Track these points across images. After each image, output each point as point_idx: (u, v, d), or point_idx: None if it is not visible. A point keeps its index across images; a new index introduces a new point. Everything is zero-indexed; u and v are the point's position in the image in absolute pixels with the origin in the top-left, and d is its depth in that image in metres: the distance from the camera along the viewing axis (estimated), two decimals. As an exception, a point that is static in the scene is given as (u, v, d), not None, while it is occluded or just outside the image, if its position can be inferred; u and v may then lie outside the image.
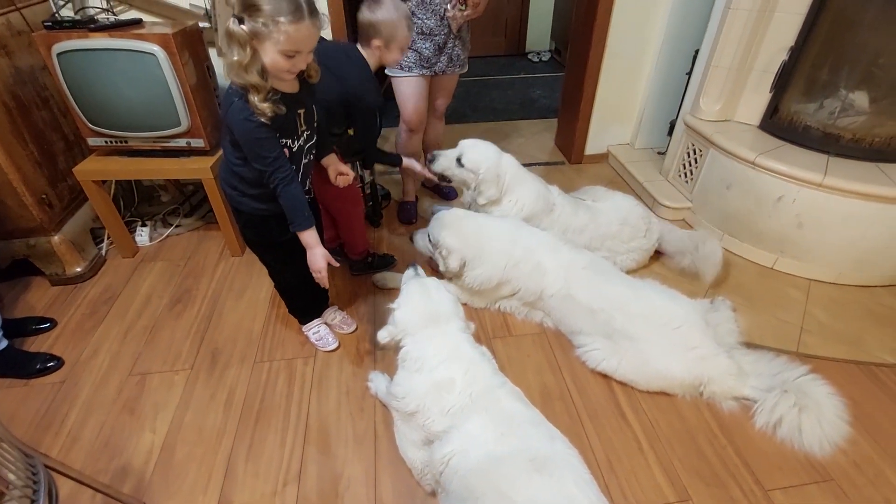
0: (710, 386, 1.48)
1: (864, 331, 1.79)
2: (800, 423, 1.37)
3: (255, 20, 1.04)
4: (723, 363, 1.48)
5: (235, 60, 1.06)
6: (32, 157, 1.84)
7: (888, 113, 1.89)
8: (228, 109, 1.13)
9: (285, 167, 1.21)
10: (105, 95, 1.77)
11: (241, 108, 1.11)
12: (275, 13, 1.03)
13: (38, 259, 1.95)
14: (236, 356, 1.71)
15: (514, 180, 1.92)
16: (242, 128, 1.14)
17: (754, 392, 1.47)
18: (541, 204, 1.92)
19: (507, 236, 1.74)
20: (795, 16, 1.91)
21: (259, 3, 1.03)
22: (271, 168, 1.19)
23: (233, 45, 1.05)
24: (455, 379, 1.20)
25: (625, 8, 2.44)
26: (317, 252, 1.33)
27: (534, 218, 1.92)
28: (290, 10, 1.04)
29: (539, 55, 4.96)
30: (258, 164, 1.19)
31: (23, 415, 1.53)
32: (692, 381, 1.49)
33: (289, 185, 1.23)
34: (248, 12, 1.03)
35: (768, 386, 1.46)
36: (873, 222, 1.82)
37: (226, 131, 1.22)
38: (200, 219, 2.39)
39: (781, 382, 1.45)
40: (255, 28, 1.05)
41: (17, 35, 1.82)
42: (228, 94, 1.15)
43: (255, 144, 1.16)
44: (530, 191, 1.92)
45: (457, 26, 1.95)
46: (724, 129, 2.14)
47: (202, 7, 2.09)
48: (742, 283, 2.02)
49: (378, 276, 2.01)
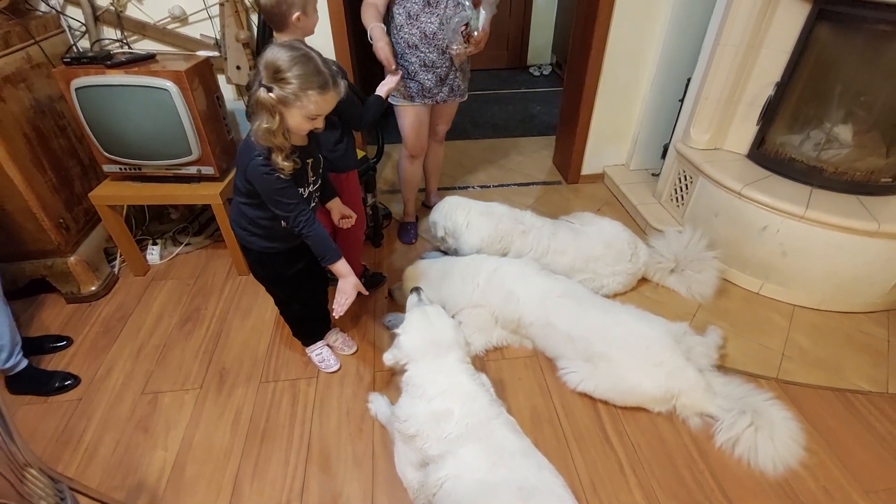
0: (680, 398, 1.59)
1: (843, 358, 1.87)
2: (755, 442, 1.47)
3: (284, 89, 1.12)
4: (691, 377, 1.59)
5: (265, 127, 1.15)
6: (51, 184, 1.94)
7: (869, 147, 1.97)
8: (249, 164, 1.22)
9: (306, 210, 1.31)
10: (120, 126, 1.86)
11: (262, 164, 1.20)
12: (304, 86, 1.12)
13: (54, 279, 2.05)
14: (243, 376, 1.80)
15: (467, 219, 2.12)
16: (265, 182, 1.23)
17: (719, 411, 1.56)
18: (505, 225, 2.08)
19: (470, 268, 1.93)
20: (781, 53, 1.99)
21: (288, 77, 1.11)
22: (294, 213, 1.28)
23: (261, 112, 1.15)
24: (453, 410, 1.29)
25: (620, 35, 2.51)
26: (349, 281, 1.42)
27: (504, 238, 2.06)
28: (318, 84, 1.14)
29: (540, 68, 5.04)
30: (281, 212, 1.28)
31: (43, 431, 1.62)
32: (663, 394, 1.59)
33: (313, 226, 1.32)
34: (278, 83, 1.12)
35: (732, 407, 1.55)
36: (853, 253, 1.90)
37: (239, 178, 1.31)
38: (209, 237, 2.48)
39: (745, 405, 1.55)
40: (284, 96, 1.13)
41: (37, 67, 1.92)
42: (248, 148, 1.23)
43: (277, 194, 1.25)
44: (482, 218, 2.09)
45: (459, 62, 2.04)
46: (713, 158, 2.22)
47: (212, 37, 2.19)
48: (728, 307, 2.10)
49: (390, 318, 2.01)
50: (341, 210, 1.62)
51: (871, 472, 1.49)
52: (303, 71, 1.12)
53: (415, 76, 2.03)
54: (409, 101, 2.09)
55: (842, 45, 1.89)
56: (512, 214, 2.14)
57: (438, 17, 1.89)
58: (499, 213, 2.13)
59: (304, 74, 1.12)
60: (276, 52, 1.13)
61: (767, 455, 1.45)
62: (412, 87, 2.06)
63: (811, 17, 1.88)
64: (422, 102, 2.10)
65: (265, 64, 1.13)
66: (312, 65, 1.14)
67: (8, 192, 1.80)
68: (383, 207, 2.67)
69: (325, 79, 1.14)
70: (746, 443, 1.49)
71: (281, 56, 1.12)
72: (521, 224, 2.10)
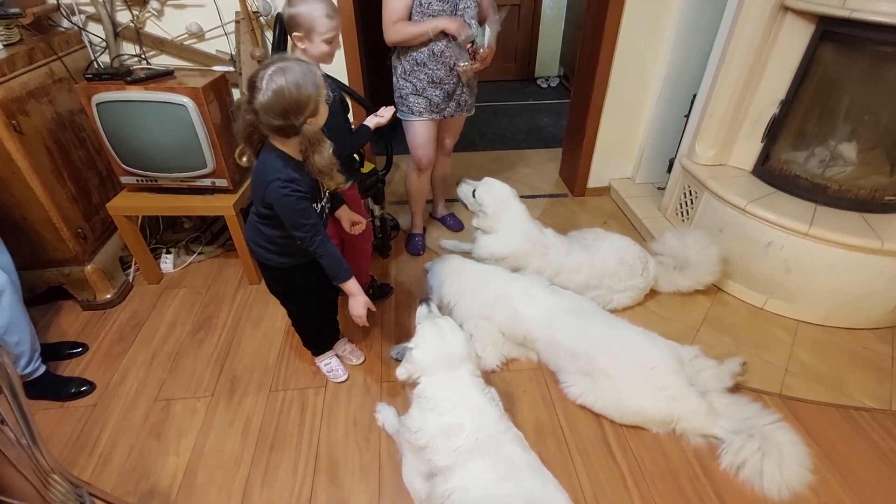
0: (680, 423, 1.60)
1: (846, 374, 1.88)
2: (761, 468, 1.47)
3: (310, 108, 1.18)
4: (692, 403, 1.60)
5: (329, 154, 1.24)
6: (70, 195, 2.00)
7: (872, 165, 1.99)
8: (267, 187, 1.25)
9: (321, 231, 1.34)
10: (138, 140, 1.92)
11: (282, 186, 1.24)
12: (319, 85, 1.19)
13: (71, 286, 2.11)
14: (253, 384, 1.84)
15: (509, 221, 2.10)
16: (285, 203, 1.26)
17: (723, 432, 1.57)
18: (528, 245, 2.08)
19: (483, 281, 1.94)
20: (785, 72, 2.02)
21: (305, 96, 1.16)
22: (310, 233, 1.32)
23: (316, 145, 1.23)
24: (463, 425, 1.32)
25: (627, 50, 2.55)
26: (359, 300, 1.45)
27: (521, 257, 2.08)
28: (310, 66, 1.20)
29: (548, 80, 5.09)
30: (298, 232, 1.31)
31: (59, 435, 1.67)
32: (663, 418, 1.61)
33: (326, 246, 1.36)
34: (302, 113, 1.18)
35: (737, 429, 1.56)
36: (857, 271, 1.91)
37: (256, 200, 1.36)
38: (221, 246, 2.53)
39: (749, 427, 1.55)
40: (315, 109, 1.19)
41: (59, 82, 1.98)
42: (264, 172, 1.27)
43: (296, 215, 1.29)
44: (519, 232, 2.10)
45: (466, 78, 2.08)
46: (719, 174, 2.25)
47: (228, 53, 2.25)
48: (733, 322, 2.12)
49: (398, 350, 1.98)
50: (350, 217, 1.67)
51: (873, 490, 1.50)
52: (301, 75, 1.15)
53: (423, 92, 2.07)
54: (418, 115, 2.14)
55: (845, 65, 1.92)
56: (539, 233, 2.13)
57: (446, 36, 1.94)
58: (534, 234, 2.12)
59: (305, 77, 1.15)
60: (275, 91, 1.13)
61: (773, 481, 1.45)
62: (421, 102, 2.10)
63: (815, 37, 1.91)
64: (430, 117, 2.15)
65: (280, 114, 1.15)
66: (292, 64, 1.15)
67: (29, 202, 1.86)
68: (391, 218, 2.71)
69: (304, 62, 1.19)
70: (753, 468, 1.48)
71: (282, 90, 1.13)
72: (542, 245, 2.09)
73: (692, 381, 1.64)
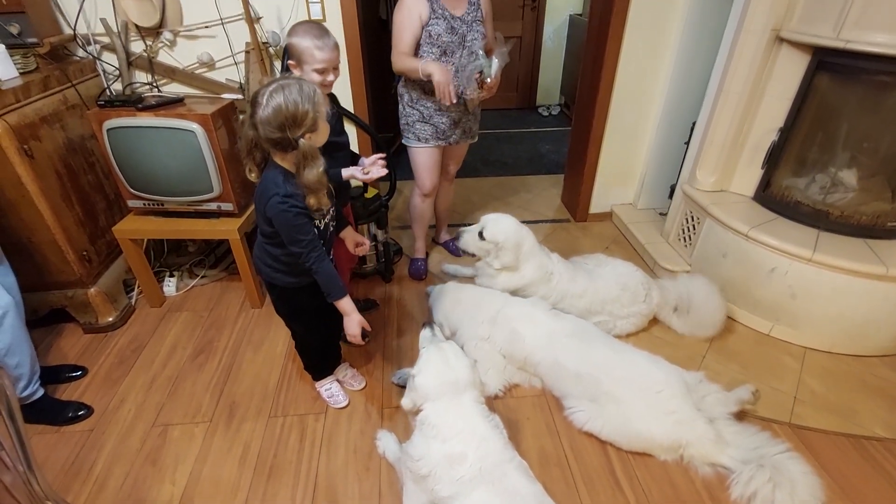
0: (688, 449, 1.56)
1: (856, 402, 1.84)
2: (773, 499, 1.42)
3: (307, 124, 1.21)
4: (700, 429, 1.56)
5: (319, 171, 1.25)
6: (77, 217, 2.02)
7: (874, 192, 2.00)
8: (268, 202, 1.28)
9: (318, 247, 1.36)
10: (147, 165, 1.95)
11: (280, 201, 1.27)
12: (316, 103, 1.22)
13: (74, 309, 2.11)
14: (252, 410, 1.81)
15: (529, 251, 2.08)
16: (283, 218, 1.29)
17: (732, 462, 1.53)
18: (539, 273, 2.07)
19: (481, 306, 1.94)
20: (783, 100, 2.05)
21: (302, 111, 1.19)
22: (307, 249, 1.34)
23: (309, 161, 1.24)
24: (467, 453, 1.29)
25: (626, 80, 2.61)
26: (354, 318, 1.47)
27: (531, 286, 2.06)
28: (314, 91, 1.23)
29: (549, 108, 5.18)
30: (295, 248, 1.34)
31: (54, 460, 1.64)
32: (671, 443, 1.57)
33: (322, 263, 1.37)
34: (299, 126, 1.20)
35: (746, 458, 1.52)
36: (862, 297, 1.90)
37: (259, 218, 1.38)
38: (224, 270, 2.54)
39: (759, 457, 1.51)
40: (312, 125, 1.22)
41: (72, 108, 2.03)
42: (265, 188, 1.30)
43: (293, 231, 1.31)
44: (534, 263, 2.08)
45: (472, 107, 2.13)
46: (720, 200, 2.26)
47: (237, 81, 2.31)
48: (739, 349, 2.09)
49: (399, 374, 1.94)
50: (354, 238, 1.69)
51: (889, 523, 1.45)
52: (298, 92, 1.19)
53: (430, 119, 2.12)
54: (424, 142, 2.17)
55: (842, 94, 1.95)
56: (547, 260, 2.12)
57: (454, 66, 1.99)
58: (544, 262, 2.10)
59: (303, 94, 1.19)
60: (274, 107, 1.18)
61: None
62: (427, 129, 2.14)
63: (811, 67, 1.95)
64: (435, 144, 2.18)
65: (278, 126, 1.19)
66: (292, 82, 1.21)
67: (36, 224, 1.88)
68: (394, 243, 2.73)
69: (304, 82, 1.23)
70: (764, 499, 1.42)
71: (280, 105, 1.17)
72: (549, 272, 2.09)
73: (698, 407, 1.60)
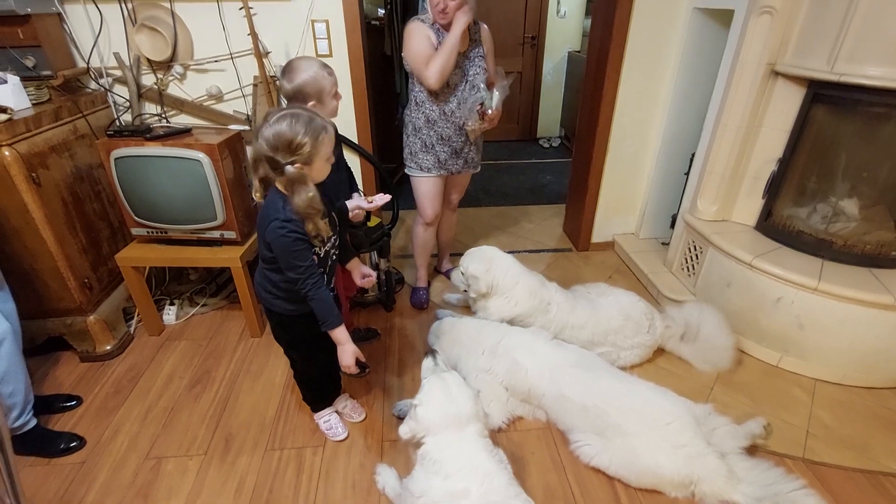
0: (700, 485, 1.50)
1: (870, 436, 1.79)
2: None
3: (304, 152, 1.22)
4: (711, 463, 1.50)
5: (309, 196, 1.24)
6: (80, 245, 2.02)
7: (876, 221, 2.00)
8: (268, 227, 1.29)
9: (315, 274, 1.35)
10: (153, 193, 1.97)
11: (280, 226, 1.27)
12: (315, 135, 1.23)
13: (71, 337, 2.08)
14: (249, 442, 1.77)
15: (508, 279, 2.08)
16: (282, 243, 1.29)
17: (745, 499, 1.47)
18: (534, 301, 2.05)
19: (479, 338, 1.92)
20: (781, 132, 2.08)
21: (300, 140, 1.21)
22: (304, 276, 1.33)
23: (296, 186, 1.24)
24: (471, 490, 1.25)
25: (625, 113, 2.66)
26: (347, 349, 1.44)
27: (528, 316, 2.04)
28: (321, 125, 1.24)
29: (549, 140, 5.27)
30: (292, 273, 1.33)
31: (43, 494, 1.58)
32: (681, 479, 1.51)
33: (319, 290, 1.36)
34: (295, 153, 1.22)
35: (760, 496, 1.46)
36: (870, 327, 1.87)
37: (260, 243, 1.38)
38: (225, 298, 2.52)
39: (774, 493, 1.45)
40: (307, 157, 1.23)
41: (81, 138, 2.06)
42: (266, 213, 1.31)
43: (290, 256, 1.31)
44: (524, 289, 2.07)
45: (474, 137, 2.17)
46: (722, 230, 2.26)
47: (244, 113, 2.36)
48: (747, 381, 2.04)
49: (400, 407, 1.90)
50: (361, 270, 1.68)
51: (913, 566, 1.38)
52: (305, 125, 1.21)
53: (432, 149, 2.15)
54: (426, 172, 2.20)
55: (838, 125, 1.97)
56: (542, 288, 2.11)
57: (457, 98, 2.04)
58: (537, 289, 2.10)
59: (309, 128, 1.21)
60: (276, 129, 1.21)
61: None
62: (430, 159, 2.17)
63: (807, 99, 1.98)
64: (438, 173, 2.21)
65: (272, 147, 1.21)
66: (306, 115, 1.23)
67: (39, 252, 1.88)
68: (396, 272, 2.72)
69: (320, 119, 1.25)
70: None
71: (282, 129, 1.20)
72: (545, 302, 2.07)
73: (708, 441, 1.55)
